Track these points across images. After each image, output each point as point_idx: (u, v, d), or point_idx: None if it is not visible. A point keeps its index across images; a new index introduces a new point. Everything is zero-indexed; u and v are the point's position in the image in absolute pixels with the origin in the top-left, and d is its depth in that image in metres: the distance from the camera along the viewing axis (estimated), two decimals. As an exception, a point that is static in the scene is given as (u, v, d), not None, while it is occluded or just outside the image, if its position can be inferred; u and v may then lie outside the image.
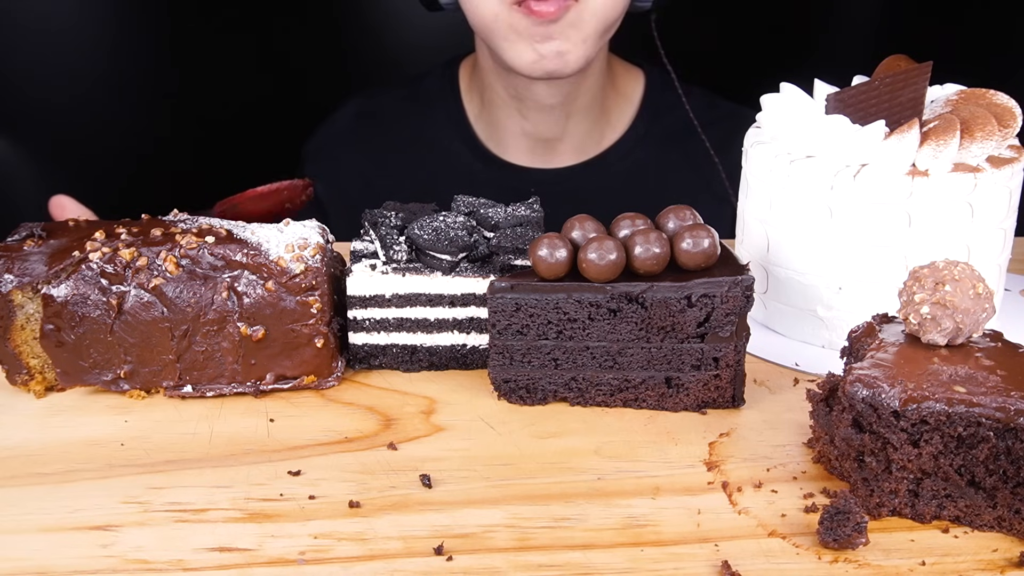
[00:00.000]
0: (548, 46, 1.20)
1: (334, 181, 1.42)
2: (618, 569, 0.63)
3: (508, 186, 1.37)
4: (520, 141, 1.40)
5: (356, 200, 1.25)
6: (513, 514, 0.69)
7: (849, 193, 0.84)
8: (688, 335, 0.80)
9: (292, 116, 1.50)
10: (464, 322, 0.87)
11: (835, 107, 0.86)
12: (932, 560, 0.64)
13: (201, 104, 1.62)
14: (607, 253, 0.77)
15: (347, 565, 0.64)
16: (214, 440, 0.78)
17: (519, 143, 1.40)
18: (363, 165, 1.44)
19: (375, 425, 0.80)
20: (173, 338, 0.82)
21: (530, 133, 1.39)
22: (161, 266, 0.81)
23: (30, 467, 0.75)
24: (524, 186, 1.36)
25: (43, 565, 0.64)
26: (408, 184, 1.42)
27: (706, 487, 0.72)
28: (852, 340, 0.75)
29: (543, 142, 1.39)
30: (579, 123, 1.39)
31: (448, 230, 0.85)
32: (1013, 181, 0.86)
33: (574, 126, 1.38)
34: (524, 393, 0.83)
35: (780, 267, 0.91)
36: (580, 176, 1.40)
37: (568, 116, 1.37)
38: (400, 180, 1.43)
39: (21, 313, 0.82)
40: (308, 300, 0.82)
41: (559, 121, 1.37)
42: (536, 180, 1.39)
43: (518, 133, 1.39)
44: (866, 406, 0.67)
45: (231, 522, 0.68)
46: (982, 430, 0.65)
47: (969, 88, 0.92)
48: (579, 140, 1.40)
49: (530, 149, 1.40)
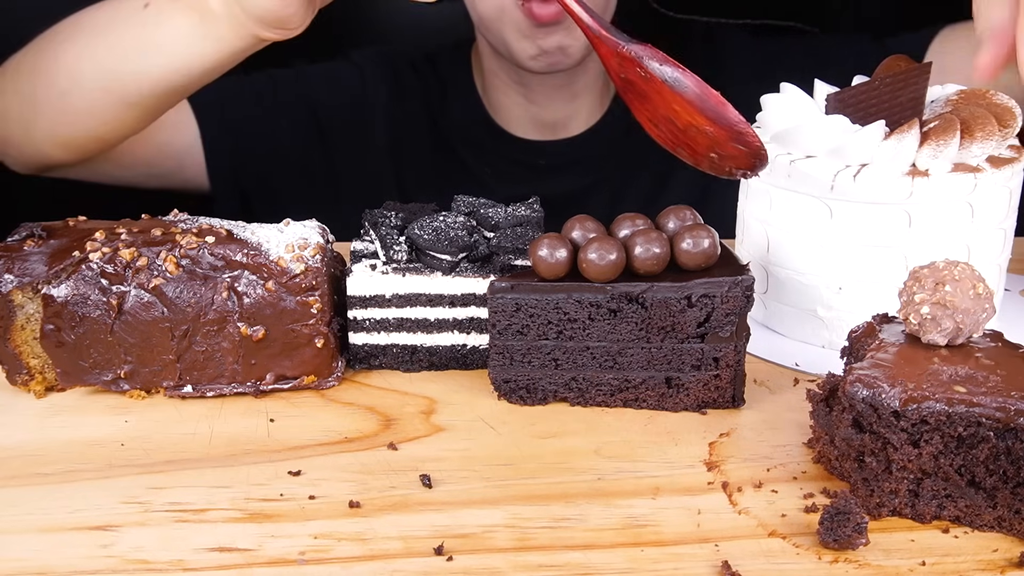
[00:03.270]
0: (550, 40, 1.23)
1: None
2: (618, 569, 0.63)
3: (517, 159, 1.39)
4: (528, 123, 1.42)
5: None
6: (513, 514, 0.69)
7: (849, 193, 0.84)
8: (688, 335, 0.80)
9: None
10: (464, 322, 0.87)
11: (835, 107, 0.86)
12: (932, 560, 0.64)
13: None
14: (607, 253, 0.77)
15: (347, 565, 0.64)
16: (214, 440, 0.78)
17: (528, 125, 1.42)
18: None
19: (375, 425, 0.80)
20: (173, 338, 0.82)
21: (536, 116, 1.40)
22: (161, 266, 0.81)
23: (30, 467, 0.75)
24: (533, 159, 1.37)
25: (43, 565, 0.64)
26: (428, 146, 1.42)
27: (706, 487, 0.72)
28: (852, 340, 0.75)
29: (551, 123, 1.41)
30: (584, 102, 1.40)
31: (448, 230, 0.85)
32: (1013, 181, 0.86)
33: (579, 106, 1.40)
34: (524, 393, 0.83)
35: (780, 267, 0.91)
36: (588, 144, 1.41)
37: (573, 97, 1.38)
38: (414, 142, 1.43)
39: (21, 313, 0.82)
40: (308, 300, 0.82)
41: (565, 103, 1.38)
42: (546, 152, 1.41)
43: (524, 117, 1.41)
44: (866, 406, 0.67)
45: (231, 522, 0.68)
46: (982, 430, 0.65)
47: (969, 88, 0.92)
48: (585, 116, 1.41)
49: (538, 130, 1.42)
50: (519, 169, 1.41)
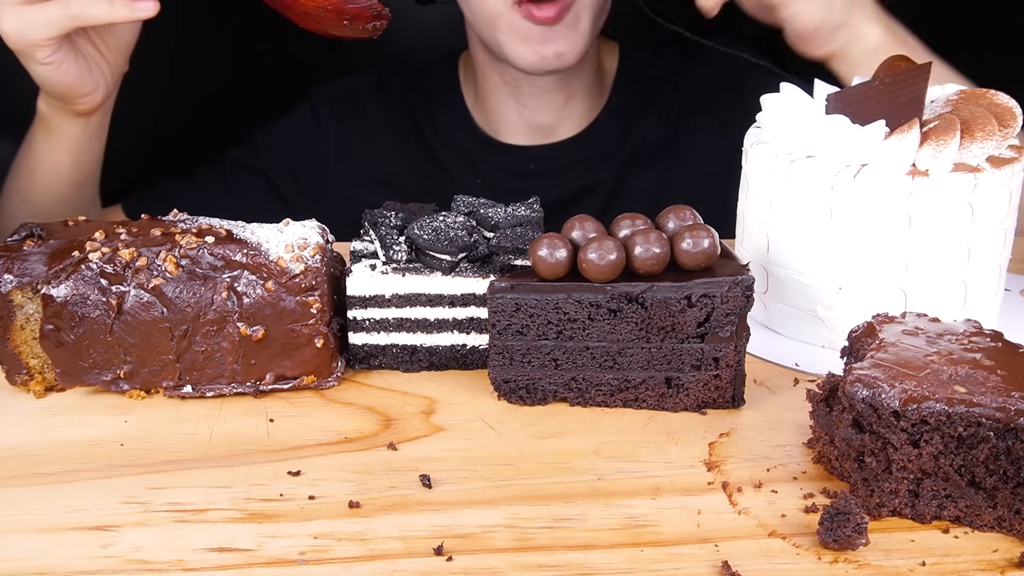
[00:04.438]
0: (549, 48, 1.24)
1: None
2: (618, 569, 0.63)
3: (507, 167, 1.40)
4: (519, 128, 1.42)
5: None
6: (513, 514, 0.69)
7: (849, 193, 0.84)
8: (688, 335, 0.80)
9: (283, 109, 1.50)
10: (464, 322, 0.87)
11: (835, 107, 0.86)
12: (932, 560, 0.64)
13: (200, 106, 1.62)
14: (607, 253, 0.77)
15: (347, 565, 0.64)
16: (214, 440, 0.78)
17: (519, 130, 1.42)
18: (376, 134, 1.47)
19: (375, 425, 0.80)
20: (173, 338, 0.82)
21: (528, 120, 1.41)
22: (161, 266, 0.81)
23: (30, 467, 0.75)
24: (523, 165, 1.38)
25: (43, 565, 0.64)
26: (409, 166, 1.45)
27: (706, 487, 0.72)
28: (852, 340, 0.75)
29: (542, 127, 1.42)
30: (576, 106, 1.41)
31: (448, 230, 0.85)
32: (1013, 181, 0.86)
33: (571, 109, 1.41)
34: (524, 393, 0.83)
35: (780, 267, 0.91)
36: (577, 148, 1.42)
37: (566, 100, 1.39)
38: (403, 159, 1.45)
39: (21, 313, 0.82)
40: (308, 300, 0.82)
41: (557, 107, 1.38)
42: (535, 158, 1.42)
43: (516, 121, 1.41)
44: (866, 406, 0.67)
45: (231, 522, 0.68)
46: (982, 430, 0.65)
47: (969, 88, 0.92)
48: (577, 120, 1.42)
49: (529, 135, 1.43)
50: (508, 176, 1.41)
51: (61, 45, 1.02)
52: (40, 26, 0.99)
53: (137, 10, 0.99)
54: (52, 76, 1.04)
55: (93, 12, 0.98)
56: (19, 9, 0.98)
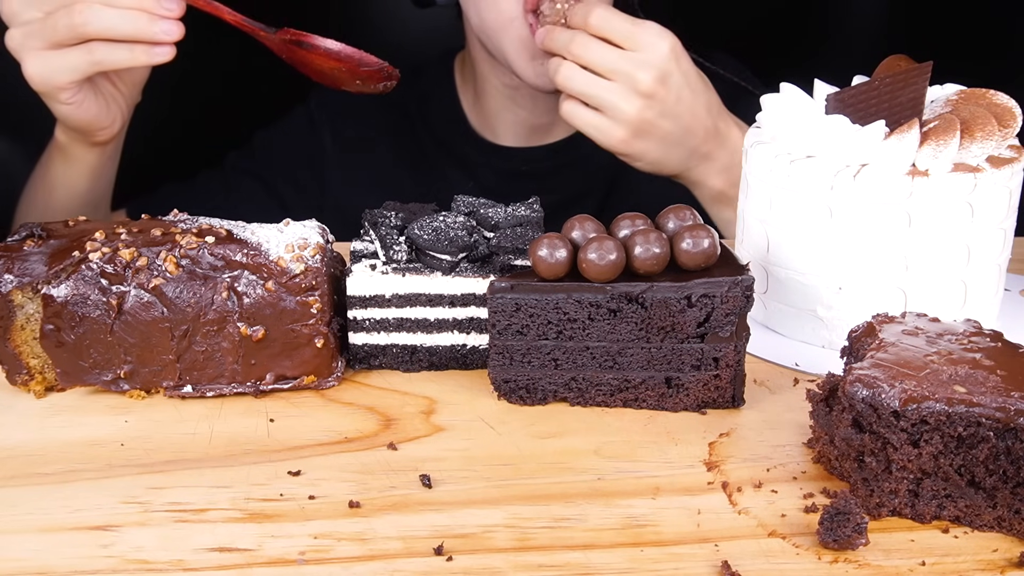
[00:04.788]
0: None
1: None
2: (618, 569, 0.63)
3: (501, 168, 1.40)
4: (515, 128, 1.43)
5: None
6: (513, 514, 0.69)
7: (849, 193, 0.84)
8: (688, 335, 0.80)
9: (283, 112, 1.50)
10: (464, 322, 0.87)
11: (835, 107, 0.86)
12: (932, 560, 0.64)
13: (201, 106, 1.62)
14: (607, 253, 0.77)
15: (347, 565, 0.64)
16: (214, 440, 0.78)
17: (514, 130, 1.43)
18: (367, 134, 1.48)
19: (375, 425, 0.80)
20: (173, 338, 0.82)
21: (524, 120, 1.41)
22: (161, 266, 0.81)
23: (30, 467, 0.75)
24: (517, 166, 1.39)
25: (43, 565, 0.64)
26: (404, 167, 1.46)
27: (706, 487, 0.72)
28: (852, 340, 0.75)
29: (537, 127, 1.42)
30: None
31: (448, 230, 0.85)
32: (1013, 181, 0.86)
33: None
34: (524, 393, 0.83)
35: (780, 267, 0.91)
36: (572, 149, 1.42)
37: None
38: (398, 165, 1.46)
39: (21, 313, 0.82)
40: (308, 300, 0.82)
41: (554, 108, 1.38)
42: (529, 159, 1.42)
43: (512, 121, 1.42)
44: (866, 406, 0.67)
45: (231, 522, 0.68)
46: (982, 430, 0.65)
47: (969, 88, 0.92)
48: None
49: (525, 135, 1.43)
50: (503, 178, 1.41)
51: (82, 86, 1.05)
52: (64, 71, 1.02)
53: (155, 55, 1.02)
54: (73, 114, 1.07)
55: (114, 58, 1.01)
56: (44, 54, 1.01)
